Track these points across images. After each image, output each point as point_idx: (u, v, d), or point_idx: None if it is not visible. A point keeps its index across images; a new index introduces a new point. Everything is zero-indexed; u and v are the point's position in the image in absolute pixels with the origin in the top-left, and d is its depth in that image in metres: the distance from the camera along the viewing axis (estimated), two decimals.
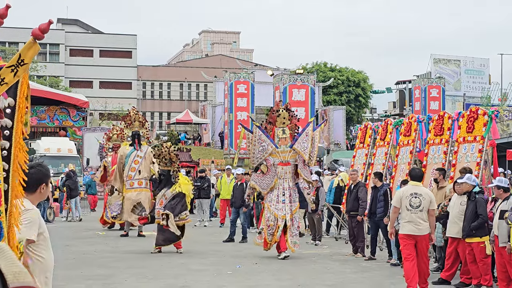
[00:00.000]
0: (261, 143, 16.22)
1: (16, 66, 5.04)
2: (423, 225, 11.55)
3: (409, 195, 11.72)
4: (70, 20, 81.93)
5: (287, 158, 16.14)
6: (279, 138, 16.14)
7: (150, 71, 77.63)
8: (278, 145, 16.16)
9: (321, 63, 67.46)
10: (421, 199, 11.64)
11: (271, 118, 16.61)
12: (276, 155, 16.20)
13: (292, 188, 16.25)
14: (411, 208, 11.60)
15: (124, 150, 21.25)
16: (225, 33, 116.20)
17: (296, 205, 16.44)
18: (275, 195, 16.25)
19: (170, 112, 76.08)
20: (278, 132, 16.23)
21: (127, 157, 21.03)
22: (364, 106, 69.07)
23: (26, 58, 5.14)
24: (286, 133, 16.23)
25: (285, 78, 40.94)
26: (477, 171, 15.65)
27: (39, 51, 5.18)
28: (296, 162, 16.21)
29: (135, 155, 21.01)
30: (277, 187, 16.25)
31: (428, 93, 51.31)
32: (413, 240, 11.55)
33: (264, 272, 14.23)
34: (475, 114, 16.33)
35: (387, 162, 19.91)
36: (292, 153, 16.12)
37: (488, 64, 74.28)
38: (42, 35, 4.89)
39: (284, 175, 16.15)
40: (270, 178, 16.28)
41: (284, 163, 16.13)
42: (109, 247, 18.46)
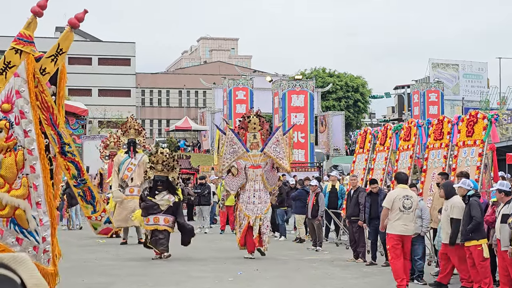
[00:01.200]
0: (232, 145, 17.02)
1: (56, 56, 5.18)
2: (410, 226, 12.48)
3: (402, 197, 12.45)
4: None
5: (258, 162, 17.11)
6: (250, 143, 17.07)
7: (149, 78, 77.68)
8: (250, 149, 17.05)
9: (320, 68, 67.55)
10: (412, 201, 12.51)
11: (243, 124, 17.45)
12: (247, 158, 17.13)
13: (262, 190, 17.18)
14: (404, 209, 12.37)
15: (119, 158, 21.26)
16: (223, 39, 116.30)
17: (267, 205, 17.30)
18: (246, 196, 17.23)
19: (169, 119, 76.11)
20: (250, 137, 17.14)
21: (121, 164, 21.01)
22: (363, 111, 69.13)
23: (64, 47, 5.32)
24: (257, 138, 17.15)
25: (284, 84, 40.90)
26: (477, 175, 15.64)
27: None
28: (266, 166, 17.16)
29: (129, 162, 20.97)
30: (248, 189, 17.21)
31: (427, 97, 51.31)
32: (402, 240, 12.39)
33: (265, 279, 14.21)
34: (474, 118, 16.33)
35: (387, 167, 19.91)
36: (263, 156, 17.10)
37: (487, 68, 74.37)
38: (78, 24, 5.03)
39: (255, 178, 17.12)
40: (239, 180, 17.21)
41: (255, 166, 17.11)
42: (109, 255, 18.43)
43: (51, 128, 4.94)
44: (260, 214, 17.04)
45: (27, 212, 5.19)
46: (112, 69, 73.99)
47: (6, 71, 5.07)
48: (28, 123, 5.04)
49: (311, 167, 32.16)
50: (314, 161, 36.56)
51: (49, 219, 5.36)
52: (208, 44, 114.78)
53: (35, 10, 4.94)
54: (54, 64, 5.03)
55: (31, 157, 5.07)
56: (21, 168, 5.12)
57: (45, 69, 5.03)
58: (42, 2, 4.85)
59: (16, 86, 5.06)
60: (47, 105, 4.93)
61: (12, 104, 5.08)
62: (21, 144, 5.07)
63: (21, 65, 5.05)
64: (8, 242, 5.28)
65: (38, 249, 5.42)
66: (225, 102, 46.61)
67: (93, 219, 5.77)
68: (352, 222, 16.96)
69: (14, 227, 5.29)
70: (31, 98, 4.98)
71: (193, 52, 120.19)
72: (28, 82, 4.98)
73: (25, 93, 5.00)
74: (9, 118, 5.11)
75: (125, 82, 74.71)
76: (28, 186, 5.15)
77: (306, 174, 26.77)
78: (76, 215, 27.04)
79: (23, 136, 5.05)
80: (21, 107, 5.03)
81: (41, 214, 5.28)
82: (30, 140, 5.06)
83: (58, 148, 5.02)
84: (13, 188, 5.17)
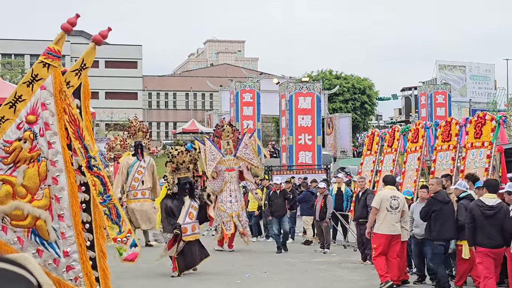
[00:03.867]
0: (212, 152, 19.11)
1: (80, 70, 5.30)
2: (397, 226, 13.16)
3: (389, 197, 13.20)
4: (76, 32, 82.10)
5: (232, 165, 19.36)
6: (224, 149, 19.20)
7: (155, 81, 77.77)
8: (225, 155, 19.21)
9: (326, 70, 67.45)
10: (399, 201, 13.24)
11: (217, 133, 19.60)
12: (223, 163, 19.24)
13: (237, 190, 19.55)
14: (391, 210, 13.09)
15: (127, 160, 20.97)
16: (229, 42, 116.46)
17: (242, 203, 19.59)
18: (224, 196, 19.44)
19: (176, 122, 76.18)
20: (224, 144, 19.25)
21: (131, 167, 20.74)
22: (370, 113, 68.97)
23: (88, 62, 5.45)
24: (230, 144, 19.30)
25: (291, 86, 40.81)
26: (485, 176, 15.59)
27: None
28: (240, 169, 19.49)
29: (138, 165, 20.73)
30: (225, 189, 19.43)
31: (434, 99, 51.16)
32: (390, 240, 13.05)
33: (273, 281, 14.20)
34: (482, 119, 16.29)
35: (394, 169, 19.87)
36: (236, 160, 19.37)
37: (494, 70, 74.18)
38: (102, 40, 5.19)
39: (230, 179, 19.37)
40: (220, 182, 19.44)
41: (229, 169, 19.34)
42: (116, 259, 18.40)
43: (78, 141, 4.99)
44: (238, 211, 19.21)
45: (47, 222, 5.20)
46: (119, 71, 74.10)
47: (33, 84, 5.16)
48: (53, 135, 5.10)
49: (318, 169, 32.16)
50: (321, 163, 36.51)
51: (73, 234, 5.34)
52: (215, 47, 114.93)
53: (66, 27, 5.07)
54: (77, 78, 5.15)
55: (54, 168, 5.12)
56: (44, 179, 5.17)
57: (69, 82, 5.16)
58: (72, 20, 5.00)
59: (42, 98, 5.14)
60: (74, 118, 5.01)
61: (37, 116, 5.15)
62: (45, 155, 5.13)
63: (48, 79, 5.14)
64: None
65: (59, 262, 5.42)
66: (232, 104, 46.58)
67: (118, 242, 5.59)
68: (360, 224, 16.92)
69: (35, 238, 5.29)
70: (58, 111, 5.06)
71: (200, 55, 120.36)
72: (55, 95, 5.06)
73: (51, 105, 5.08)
74: (34, 130, 5.17)
75: (132, 84, 74.82)
76: (49, 197, 5.16)
77: (314, 176, 26.74)
78: None
79: (47, 148, 5.11)
80: (46, 119, 5.10)
81: (63, 227, 5.28)
82: (54, 151, 5.11)
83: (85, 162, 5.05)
84: (35, 199, 5.20)
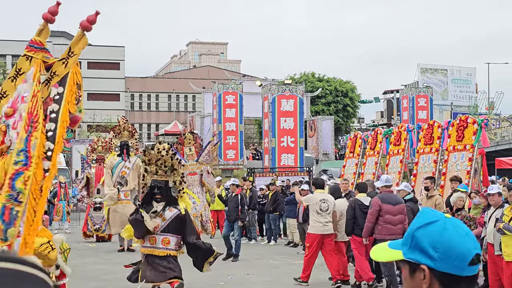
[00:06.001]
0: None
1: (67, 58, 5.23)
2: (329, 226, 13.97)
3: (319, 200, 14.01)
4: (58, 32, 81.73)
5: (194, 169, 20.25)
6: (187, 155, 20.17)
7: (138, 82, 77.55)
8: (187, 160, 20.08)
9: (309, 73, 67.57)
10: (328, 204, 14.05)
11: (180, 140, 20.64)
12: (186, 168, 19.62)
13: (200, 192, 20.17)
14: (321, 212, 13.92)
15: (112, 161, 20.85)
16: (212, 44, 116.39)
17: (205, 204, 20.30)
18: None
19: (158, 124, 76.01)
20: (186, 150, 20.28)
21: (114, 168, 20.59)
22: (352, 116, 69.16)
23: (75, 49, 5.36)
24: (192, 151, 20.37)
25: (274, 88, 40.85)
26: (467, 179, 15.72)
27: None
28: (201, 172, 20.26)
29: (123, 165, 20.54)
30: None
31: (416, 102, 51.37)
32: (322, 239, 13.91)
33: (256, 283, 14.21)
34: (464, 122, 16.41)
35: (377, 171, 19.96)
36: (198, 165, 20.25)
37: (475, 73, 74.67)
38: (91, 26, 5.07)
39: (193, 183, 20.20)
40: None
41: (192, 174, 20.17)
42: (100, 259, 18.39)
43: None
44: (201, 211, 19.81)
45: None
46: (101, 73, 73.81)
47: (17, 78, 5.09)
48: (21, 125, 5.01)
49: (300, 171, 32.18)
50: (303, 166, 36.57)
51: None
52: (197, 49, 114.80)
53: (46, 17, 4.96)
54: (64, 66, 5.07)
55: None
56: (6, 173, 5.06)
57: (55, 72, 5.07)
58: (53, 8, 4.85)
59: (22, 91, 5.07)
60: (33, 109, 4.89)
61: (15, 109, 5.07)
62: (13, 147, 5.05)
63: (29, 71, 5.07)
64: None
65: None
66: (215, 106, 46.56)
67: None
68: None
69: None
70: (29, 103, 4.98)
71: (182, 57, 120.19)
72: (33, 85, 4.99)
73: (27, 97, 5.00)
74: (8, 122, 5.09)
75: (114, 86, 74.56)
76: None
77: (296, 179, 26.78)
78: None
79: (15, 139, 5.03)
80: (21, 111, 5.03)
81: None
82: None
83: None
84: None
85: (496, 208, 11.69)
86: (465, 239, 2.13)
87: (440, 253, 2.11)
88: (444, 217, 2.20)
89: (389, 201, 12.71)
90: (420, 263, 2.14)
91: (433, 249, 2.12)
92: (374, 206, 12.71)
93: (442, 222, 2.17)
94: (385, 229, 12.56)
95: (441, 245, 2.12)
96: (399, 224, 12.60)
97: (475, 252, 2.14)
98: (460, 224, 2.20)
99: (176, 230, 11.90)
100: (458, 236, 2.14)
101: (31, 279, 1.52)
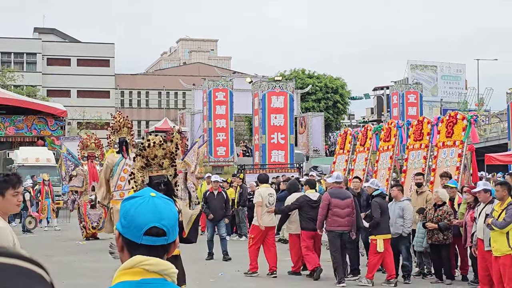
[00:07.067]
0: None
1: None
2: (274, 219, 15.04)
3: (267, 195, 15.03)
4: (47, 29, 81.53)
5: (180, 168, 20.18)
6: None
7: (128, 79, 77.39)
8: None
9: (299, 70, 67.63)
10: (274, 198, 15.20)
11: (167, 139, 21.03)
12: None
13: (183, 190, 20.23)
14: (269, 205, 14.89)
15: (112, 158, 19.77)
16: (202, 41, 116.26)
17: (187, 201, 20.31)
18: None
19: (148, 121, 75.88)
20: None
21: (116, 166, 19.47)
22: (343, 113, 69.31)
23: None
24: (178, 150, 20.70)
25: (264, 85, 40.88)
26: (456, 175, 15.77)
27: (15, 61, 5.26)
28: (186, 171, 20.56)
29: (124, 163, 19.30)
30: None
31: (406, 98, 51.53)
32: (266, 230, 14.79)
33: (246, 280, 14.22)
34: (454, 118, 16.45)
35: (367, 167, 19.99)
36: (183, 164, 20.43)
37: (465, 70, 74.93)
38: None
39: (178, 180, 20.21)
40: None
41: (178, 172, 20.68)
42: (90, 256, 18.35)
43: None
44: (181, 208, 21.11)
45: None
46: (91, 70, 73.57)
47: None
48: None
49: (291, 168, 32.21)
50: (294, 162, 36.60)
51: None
52: (188, 46, 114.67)
53: None
54: None
55: None
56: None
57: None
58: None
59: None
60: None
61: None
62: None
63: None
64: None
65: None
66: (205, 103, 46.54)
67: None
68: None
69: None
70: None
71: (172, 53, 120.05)
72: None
73: None
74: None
75: (104, 83, 74.34)
76: None
77: (286, 175, 26.78)
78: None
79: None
80: None
81: None
82: None
83: None
84: None
85: (486, 203, 11.73)
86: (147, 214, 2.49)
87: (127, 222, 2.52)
88: (148, 196, 2.55)
89: (338, 196, 13.71)
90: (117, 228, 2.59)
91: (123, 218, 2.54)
92: (324, 201, 13.74)
93: (140, 198, 2.54)
94: (333, 221, 13.60)
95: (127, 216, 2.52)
96: (346, 217, 13.60)
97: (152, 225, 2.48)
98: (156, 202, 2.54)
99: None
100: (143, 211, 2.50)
101: (27, 274, 1.52)
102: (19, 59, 70.99)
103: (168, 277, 2.45)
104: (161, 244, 2.52)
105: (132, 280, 2.39)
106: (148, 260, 2.41)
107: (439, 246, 13.53)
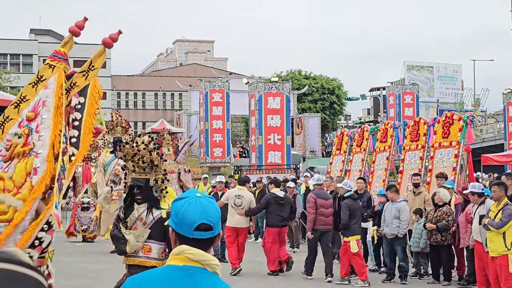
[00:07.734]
0: None
1: (87, 71, 5.46)
2: (243, 220, 15.18)
3: (234, 196, 15.24)
4: (43, 31, 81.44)
5: (172, 168, 20.77)
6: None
7: (124, 80, 77.32)
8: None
9: (296, 70, 67.60)
10: (243, 200, 15.17)
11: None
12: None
13: (178, 190, 20.46)
14: (235, 206, 15.09)
15: (104, 158, 19.69)
16: (199, 42, 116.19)
17: None
18: None
19: (145, 122, 75.79)
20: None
21: (107, 165, 19.34)
22: (339, 113, 69.28)
23: (96, 64, 5.59)
24: (170, 151, 21.22)
25: (260, 86, 40.89)
26: (453, 176, 15.80)
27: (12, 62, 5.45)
28: (179, 171, 21.16)
29: (116, 163, 18.82)
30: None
31: (402, 99, 51.56)
32: (236, 232, 15.11)
33: (243, 280, 14.24)
34: (450, 119, 16.49)
35: (363, 168, 20.02)
36: (175, 164, 21.16)
37: (461, 70, 74.99)
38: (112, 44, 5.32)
39: (172, 180, 20.25)
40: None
41: (170, 172, 20.04)
42: (87, 257, 18.34)
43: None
44: None
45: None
46: None
47: (38, 84, 5.30)
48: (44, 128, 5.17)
49: (287, 169, 32.23)
50: (290, 163, 36.62)
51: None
52: (184, 47, 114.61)
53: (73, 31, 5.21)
54: (85, 79, 5.33)
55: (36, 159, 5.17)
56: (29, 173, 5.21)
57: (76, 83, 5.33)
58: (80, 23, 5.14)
59: (44, 97, 5.26)
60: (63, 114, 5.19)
61: (36, 113, 5.25)
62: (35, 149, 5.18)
63: (51, 78, 5.28)
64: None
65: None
66: (202, 104, 46.53)
67: None
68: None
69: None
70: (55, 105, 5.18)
71: (169, 55, 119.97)
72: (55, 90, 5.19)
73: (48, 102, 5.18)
74: (30, 126, 5.25)
75: (101, 84, 74.20)
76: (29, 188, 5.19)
77: (283, 176, 26.80)
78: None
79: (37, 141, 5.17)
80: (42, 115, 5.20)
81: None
82: (40, 144, 5.17)
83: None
84: (19, 191, 5.22)
85: (479, 205, 11.79)
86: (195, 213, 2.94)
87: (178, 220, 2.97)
88: (194, 196, 3.01)
89: (323, 196, 14.47)
90: (169, 225, 3.05)
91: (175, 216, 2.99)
92: (311, 201, 14.30)
93: (188, 199, 2.99)
94: (319, 220, 14.19)
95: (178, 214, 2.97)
96: (330, 216, 14.32)
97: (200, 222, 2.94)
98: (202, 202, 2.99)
99: (159, 236, 9.44)
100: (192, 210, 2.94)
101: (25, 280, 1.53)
102: (15, 60, 70.88)
103: (208, 267, 2.93)
104: (209, 237, 2.98)
105: (177, 265, 2.89)
106: (190, 250, 2.88)
107: (438, 247, 13.56)
